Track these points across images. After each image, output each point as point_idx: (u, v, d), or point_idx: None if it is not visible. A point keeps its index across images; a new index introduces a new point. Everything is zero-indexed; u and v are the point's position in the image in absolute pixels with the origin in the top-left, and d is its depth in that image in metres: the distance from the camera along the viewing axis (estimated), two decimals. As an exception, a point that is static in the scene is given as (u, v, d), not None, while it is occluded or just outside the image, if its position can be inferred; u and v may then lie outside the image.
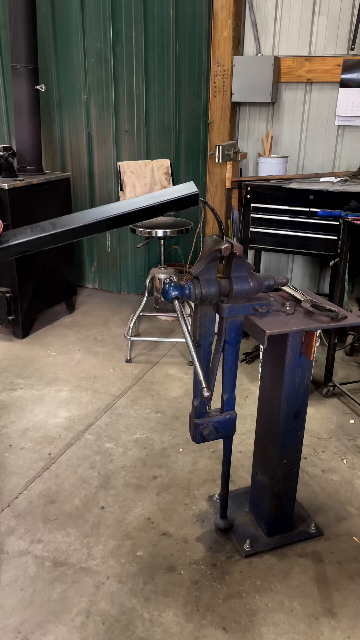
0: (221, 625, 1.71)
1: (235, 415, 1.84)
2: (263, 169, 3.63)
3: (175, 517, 2.14)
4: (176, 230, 3.32)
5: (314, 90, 3.71)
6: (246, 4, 3.67)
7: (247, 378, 3.26)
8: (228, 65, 3.66)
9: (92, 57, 4.15)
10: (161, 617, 1.73)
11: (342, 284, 2.86)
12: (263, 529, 2.04)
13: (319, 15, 3.55)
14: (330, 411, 2.92)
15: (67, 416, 2.83)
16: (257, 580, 1.87)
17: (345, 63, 3.50)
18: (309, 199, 3.15)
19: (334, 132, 3.73)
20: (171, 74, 4.00)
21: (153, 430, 2.72)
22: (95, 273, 4.79)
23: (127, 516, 2.14)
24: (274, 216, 3.31)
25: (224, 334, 1.70)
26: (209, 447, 2.56)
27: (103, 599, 1.78)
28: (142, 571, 1.89)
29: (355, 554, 1.99)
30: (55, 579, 1.86)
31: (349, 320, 1.71)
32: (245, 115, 3.94)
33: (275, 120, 3.87)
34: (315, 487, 2.33)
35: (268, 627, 1.70)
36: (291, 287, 1.89)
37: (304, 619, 1.73)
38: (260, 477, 2.03)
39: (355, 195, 2.99)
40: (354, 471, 2.44)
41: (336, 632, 1.69)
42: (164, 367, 3.38)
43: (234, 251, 1.54)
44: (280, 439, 1.88)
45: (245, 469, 2.42)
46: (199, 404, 1.77)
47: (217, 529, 2.06)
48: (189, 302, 3.38)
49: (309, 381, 1.84)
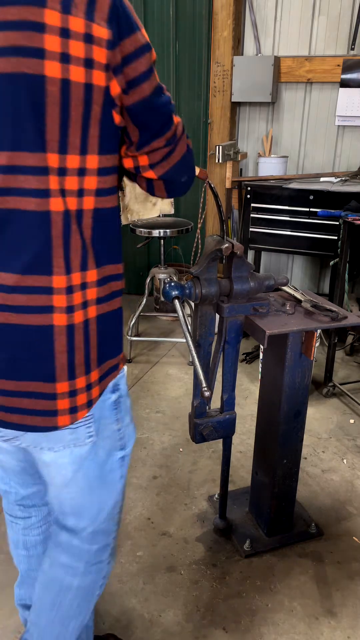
0: (221, 625, 1.71)
1: (235, 415, 1.84)
2: (263, 169, 3.63)
3: (175, 517, 2.14)
4: (176, 230, 3.32)
5: (314, 90, 3.71)
6: (246, 4, 3.67)
7: (247, 378, 3.26)
8: (228, 65, 3.66)
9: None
10: (161, 617, 1.73)
11: (342, 284, 2.86)
12: (263, 529, 2.04)
13: (319, 15, 3.55)
14: (330, 411, 2.92)
15: (67, 416, 2.83)
16: (257, 580, 1.87)
17: (345, 63, 3.50)
18: (309, 199, 3.15)
19: (334, 132, 3.74)
20: (171, 74, 4.00)
21: (153, 430, 2.72)
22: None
23: (127, 516, 2.14)
24: (274, 216, 3.30)
25: (224, 334, 1.70)
26: (209, 447, 2.56)
27: (103, 599, 1.78)
28: (142, 571, 1.89)
29: (355, 554, 1.99)
30: (55, 579, 1.86)
31: (349, 320, 1.71)
32: (245, 115, 3.94)
33: (275, 120, 3.87)
34: (315, 487, 2.33)
35: (268, 627, 1.70)
36: (291, 287, 1.89)
37: (304, 619, 1.73)
38: (260, 477, 2.03)
39: (355, 195, 2.99)
40: (354, 471, 2.44)
41: (336, 632, 1.69)
42: (164, 367, 3.38)
43: (234, 251, 1.54)
44: (280, 439, 1.88)
45: (245, 469, 2.42)
46: (198, 404, 1.77)
47: (217, 529, 2.06)
48: (189, 302, 3.38)
49: (309, 381, 1.84)
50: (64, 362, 1.01)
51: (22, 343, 0.98)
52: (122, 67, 0.94)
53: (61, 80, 0.88)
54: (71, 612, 1.31)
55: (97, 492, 1.23)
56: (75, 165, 0.94)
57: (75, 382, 1.04)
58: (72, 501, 1.23)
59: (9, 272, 0.94)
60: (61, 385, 1.02)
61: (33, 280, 0.95)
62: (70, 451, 1.13)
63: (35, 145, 0.90)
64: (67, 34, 0.86)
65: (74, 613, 1.32)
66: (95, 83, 0.91)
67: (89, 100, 0.92)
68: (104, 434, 1.18)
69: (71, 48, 0.87)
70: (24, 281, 0.95)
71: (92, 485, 1.21)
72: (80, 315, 1.01)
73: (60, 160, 0.92)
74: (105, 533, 1.30)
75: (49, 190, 0.92)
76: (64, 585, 1.30)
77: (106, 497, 1.25)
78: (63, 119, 0.90)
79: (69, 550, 1.29)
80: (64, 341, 0.99)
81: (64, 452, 1.13)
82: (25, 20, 0.84)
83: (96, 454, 1.17)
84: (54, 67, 0.87)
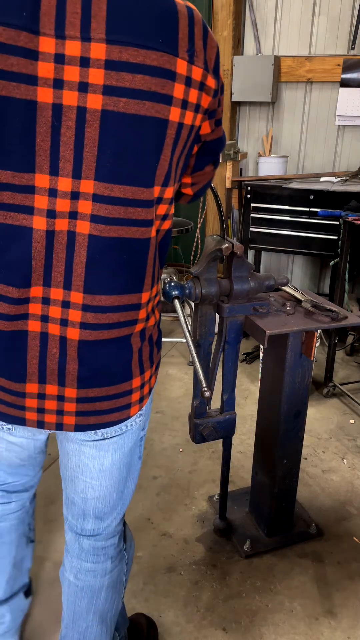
0: (221, 625, 1.70)
1: (235, 415, 1.83)
2: (263, 168, 3.62)
3: (175, 518, 2.14)
4: (176, 230, 3.31)
5: (314, 90, 3.70)
6: (246, 3, 3.67)
7: (247, 378, 3.26)
8: (228, 64, 3.66)
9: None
10: (161, 618, 1.72)
11: (342, 284, 2.86)
12: (263, 529, 2.04)
13: (319, 15, 3.55)
14: (331, 411, 2.92)
15: (67, 416, 2.82)
16: (257, 580, 1.86)
17: (345, 63, 3.50)
18: (309, 199, 3.15)
19: (334, 132, 3.73)
20: (171, 73, 3.99)
21: (153, 430, 2.71)
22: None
23: (126, 516, 2.13)
24: (274, 216, 3.30)
25: (224, 334, 1.70)
26: (209, 447, 2.56)
27: (103, 600, 1.78)
28: (142, 571, 1.89)
29: (355, 554, 1.98)
30: (56, 579, 1.85)
31: (349, 320, 1.71)
32: (245, 115, 3.94)
33: (275, 120, 3.87)
34: (315, 488, 2.33)
35: (268, 627, 1.70)
36: (291, 287, 1.89)
37: (304, 619, 1.73)
38: (261, 477, 2.03)
39: (355, 195, 2.98)
40: (354, 471, 2.44)
41: (336, 632, 1.69)
42: (164, 367, 3.38)
43: (234, 251, 1.54)
44: (280, 439, 1.88)
45: (245, 469, 2.42)
46: (198, 404, 1.77)
47: (217, 530, 2.06)
48: (189, 302, 3.38)
49: (309, 381, 1.84)
50: (136, 360, 1.11)
51: (109, 354, 1.06)
52: (214, 111, 1.06)
53: (178, 123, 0.96)
54: (106, 607, 1.36)
55: (124, 479, 1.28)
56: (170, 196, 1.04)
57: (144, 375, 1.14)
58: (99, 497, 1.26)
59: (108, 294, 1.00)
60: (135, 380, 1.12)
61: (128, 299, 1.03)
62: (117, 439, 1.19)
63: (149, 181, 0.97)
64: (190, 82, 0.95)
65: (109, 606, 1.37)
66: (196, 124, 1.02)
67: (188, 139, 1.02)
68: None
69: (190, 96, 0.96)
70: (119, 301, 1.01)
71: (121, 473, 1.26)
72: (151, 321, 1.13)
73: (160, 191, 1.01)
74: (121, 520, 1.36)
75: (152, 220, 1.01)
76: (96, 589, 1.33)
77: (131, 483, 1.31)
78: (172, 156, 0.99)
79: (94, 554, 1.32)
80: (139, 343, 1.10)
81: (111, 440, 1.19)
82: (163, 68, 0.90)
83: (131, 439, 1.23)
84: (176, 113, 0.95)
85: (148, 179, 0.97)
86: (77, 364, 1.03)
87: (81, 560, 1.33)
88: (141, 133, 0.93)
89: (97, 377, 1.07)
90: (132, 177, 0.95)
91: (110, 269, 0.99)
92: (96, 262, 0.97)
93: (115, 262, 0.99)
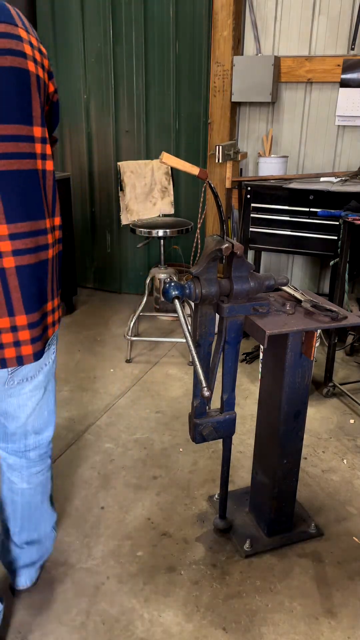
0: (221, 625, 1.70)
1: (235, 415, 1.84)
2: (263, 169, 3.62)
3: (175, 518, 2.14)
4: (176, 230, 3.32)
5: (314, 90, 3.71)
6: (246, 3, 3.67)
7: (247, 378, 3.26)
8: (228, 65, 3.66)
9: (92, 56, 4.15)
10: (161, 618, 1.73)
11: (342, 284, 2.86)
12: (263, 529, 2.04)
13: (319, 15, 3.55)
14: (330, 411, 2.92)
15: (67, 416, 2.83)
16: (257, 580, 1.87)
17: (345, 63, 3.50)
18: (309, 199, 3.15)
19: (334, 132, 3.73)
20: (171, 73, 4.00)
21: (153, 430, 2.71)
22: (95, 273, 4.79)
23: (127, 516, 2.14)
24: (274, 216, 3.30)
25: (224, 333, 1.70)
26: (209, 447, 2.56)
27: (103, 599, 1.78)
28: (142, 571, 1.89)
29: (355, 554, 1.99)
30: (55, 579, 1.86)
31: (349, 320, 1.71)
32: (245, 115, 3.94)
33: (275, 120, 3.87)
34: (315, 487, 2.33)
35: (268, 627, 1.70)
36: (291, 287, 1.89)
37: (304, 619, 1.73)
38: (260, 477, 2.03)
39: (355, 195, 2.99)
40: (354, 471, 2.44)
41: (336, 632, 1.69)
42: (164, 367, 3.38)
43: (234, 251, 1.54)
44: (280, 439, 1.88)
45: (245, 469, 2.42)
46: (198, 404, 1.77)
47: (217, 529, 2.06)
48: (189, 302, 3.38)
49: (309, 381, 1.84)
50: (49, 287, 1.35)
51: (40, 279, 1.31)
52: (50, 76, 1.34)
53: (36, 74, 1.25)
54: (50, 487, 1.72)
55: (53, 394, 1.59)
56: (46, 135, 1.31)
57: (54, 301, 1.40)
58: (36, 420, 1.55)
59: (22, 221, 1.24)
60: (50, 304, 1.37)
61: (37, 225, 1.27)
62: (45, 368, 1.48)
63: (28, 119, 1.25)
64: (31, 44, 1.26)
65: (51, 485, 1.74)
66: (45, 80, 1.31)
67: (41, 88, 1.30)
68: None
69: (35, 54, 1.26)
70: (31, 227, 1.26)
71: (51, 392, 1.57)
72: (56, 249, 1.38)
73: (42, 131, 1.28)
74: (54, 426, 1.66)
75: (35, 154, 1.26)
76: (44, 481, 1.67)
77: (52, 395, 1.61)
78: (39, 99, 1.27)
79: (40, 459, 1.62)
80: (51, 269, 1.34)
81: (43, 370, 1.47)
82: (11, 33, 1.20)
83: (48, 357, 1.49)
84: (31, 65, 1.24)
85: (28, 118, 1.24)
86: (19, 292, 1.25)
87: (30, 468, 1.61)
88: (8, 80, 1.20)
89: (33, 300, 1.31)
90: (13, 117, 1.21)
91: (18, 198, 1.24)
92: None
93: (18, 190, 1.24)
